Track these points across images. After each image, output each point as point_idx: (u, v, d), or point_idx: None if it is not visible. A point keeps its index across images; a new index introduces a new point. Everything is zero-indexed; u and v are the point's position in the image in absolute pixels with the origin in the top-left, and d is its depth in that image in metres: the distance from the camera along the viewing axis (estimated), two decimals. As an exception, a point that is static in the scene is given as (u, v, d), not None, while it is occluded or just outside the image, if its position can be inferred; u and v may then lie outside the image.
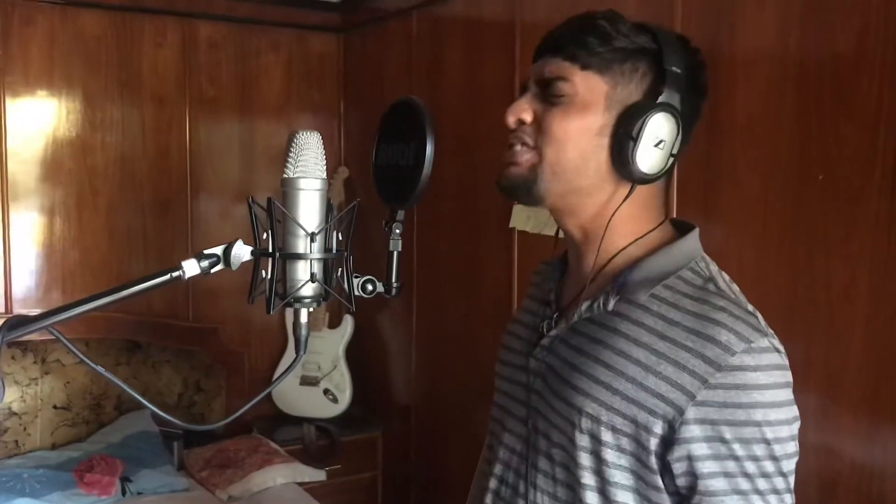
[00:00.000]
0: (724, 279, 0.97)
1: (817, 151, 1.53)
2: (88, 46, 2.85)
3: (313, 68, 3.30)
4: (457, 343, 2.70)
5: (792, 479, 0.90)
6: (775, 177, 1.61)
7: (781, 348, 0.91)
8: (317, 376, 3.16)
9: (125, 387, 0.84)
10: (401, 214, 0.92)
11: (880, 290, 1.44)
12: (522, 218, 2.32)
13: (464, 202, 2.62)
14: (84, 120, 2.87)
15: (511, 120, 1.00)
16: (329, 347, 3.18)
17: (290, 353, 3.18)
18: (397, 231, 0.93)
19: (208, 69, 3.07)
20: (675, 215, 1.80)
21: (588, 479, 0.95)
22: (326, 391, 3.16)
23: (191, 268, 0.83)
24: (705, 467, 0.88)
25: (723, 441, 0.87)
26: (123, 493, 2.55)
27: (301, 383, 3.17)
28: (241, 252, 0.85)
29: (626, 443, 0.92)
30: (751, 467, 0.87)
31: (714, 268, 0.99)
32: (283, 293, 0.86)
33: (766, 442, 0.87)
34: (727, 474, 0.88)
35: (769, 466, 0.88)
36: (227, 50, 3.11)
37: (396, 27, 2.97)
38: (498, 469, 1.10)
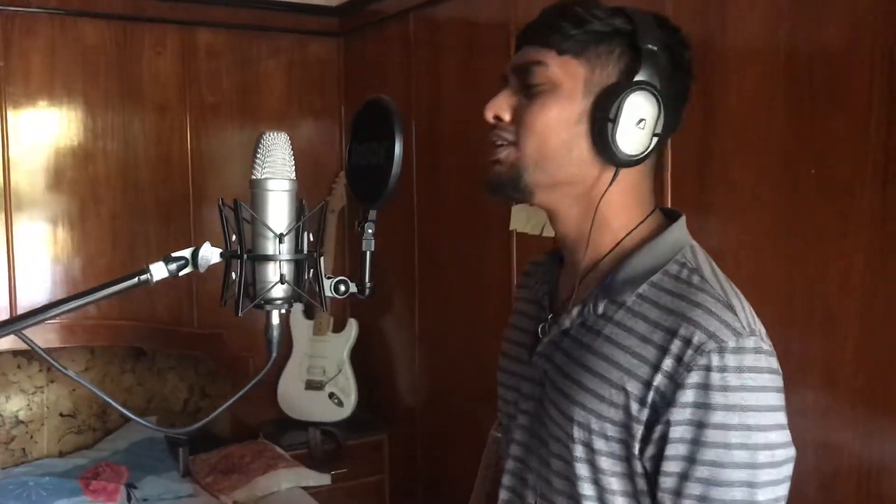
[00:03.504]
0: (710, 267, 0.95)
1: (809, 145, 1.52)
2: (88, 56, 2.86)
3: (314, 73, 3.30)
4: (460, 344, 2.69)
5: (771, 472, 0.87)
6: (768, 171, 1.60)
7: (763, 345, 0.87)
8: (322, 380, 3.16)
9: (99, 391, 0.84)
10: (373, 214, 0.92)
11: (875, 282, 1.42)
12: (522, 220, 2.31)
13: (464, 203, 2.61)
14: (85, 129, 2.88)
15: (489, 115, 0.98)
16: (334, 351, 3.17)
17: (294, 357, 3.19)
18: (370, 231, 0.92)
19: (208, 76, 3.08)
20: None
21: (587, 489, 0.94)
22: (332, 395, 3.15)
23: (158, 271, 0.83)
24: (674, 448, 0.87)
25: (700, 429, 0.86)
26: (129, 499, 2.55)
27: (306, 388, 3.17)
28: (210, 254, 0.85)
29: (618, 449, 0.91)
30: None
31: (701, 256, 0.96)
32: (255, 295, 0.86)
33: (747, 440, 0.85)
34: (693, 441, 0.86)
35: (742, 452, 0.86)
36: (227, 57, 3.11)
37: (394, 30, 2.96)
38: (506, 479, 1.09)
